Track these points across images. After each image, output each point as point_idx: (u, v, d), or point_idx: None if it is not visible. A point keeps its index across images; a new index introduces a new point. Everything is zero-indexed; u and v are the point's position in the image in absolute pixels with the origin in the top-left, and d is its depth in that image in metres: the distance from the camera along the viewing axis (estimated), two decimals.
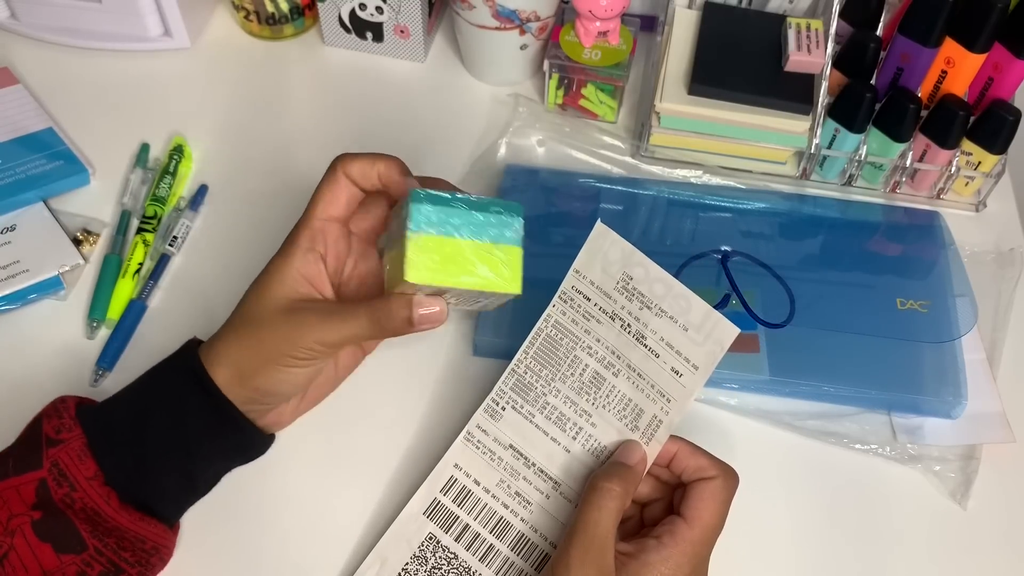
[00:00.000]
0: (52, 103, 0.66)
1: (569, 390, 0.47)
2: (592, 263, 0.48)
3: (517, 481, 0.47)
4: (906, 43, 0.61)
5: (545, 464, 0.47)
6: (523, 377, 0.48)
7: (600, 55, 0.65)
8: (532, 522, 0.47)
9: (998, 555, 0.51)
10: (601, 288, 0.48)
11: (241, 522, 0.50)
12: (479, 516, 0.47)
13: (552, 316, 0.48)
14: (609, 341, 0.47)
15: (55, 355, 0.55)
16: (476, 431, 0.48)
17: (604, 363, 0.47)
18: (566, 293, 0.48)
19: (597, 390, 0.47)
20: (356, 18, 0.69)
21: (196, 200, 0.62)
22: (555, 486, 0.47)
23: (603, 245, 0.48)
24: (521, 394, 0.48)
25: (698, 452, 0.46)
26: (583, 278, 0.48)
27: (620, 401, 0.47)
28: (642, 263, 0.47)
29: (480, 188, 0.64)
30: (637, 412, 0.47)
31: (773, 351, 0.56)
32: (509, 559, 0.47)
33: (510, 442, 0.48)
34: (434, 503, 0.48)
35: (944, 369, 0.55)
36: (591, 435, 0.47)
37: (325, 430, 0.53)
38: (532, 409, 0.48)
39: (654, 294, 0.47)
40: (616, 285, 0.48)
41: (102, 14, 0.68)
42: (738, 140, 0.64)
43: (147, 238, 0.59)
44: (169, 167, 0.62)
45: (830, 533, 0.51)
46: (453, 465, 0.48)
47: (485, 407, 0.48)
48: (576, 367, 0.47)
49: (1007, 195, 0.66)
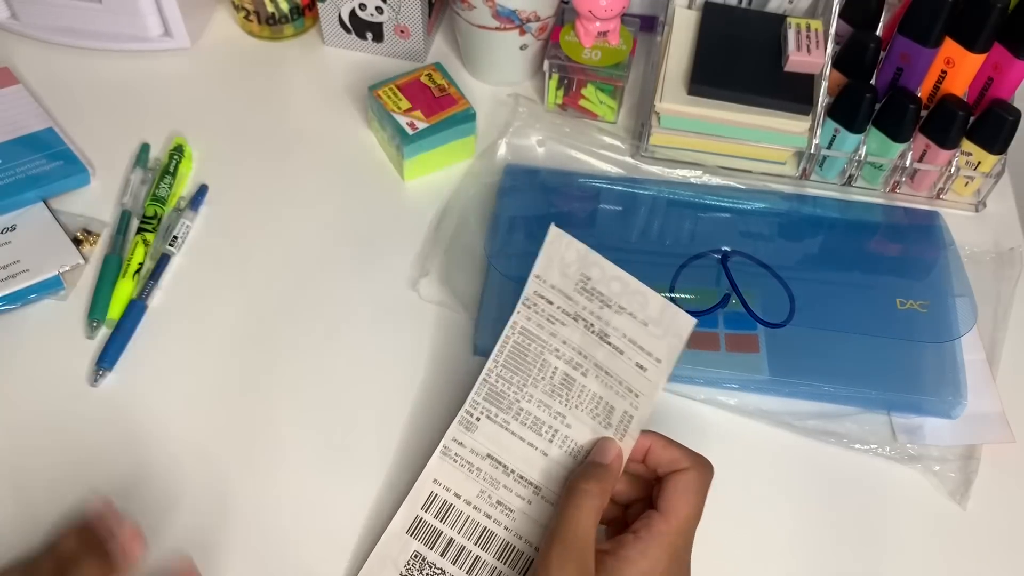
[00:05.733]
0: (52, 103, 0.66)
1: (541, 394, 0.47)
2: (551, 267, 0.48)
3: (498, 490, 0.47)
4: (906, 43, 0.61)
5: (524, 470, 0.47)
6: (495, 386, 0.48)
7: (600, 55, 0.65)
8: (516, 529, 0.47)
9: (998, 555, 0.51)
10: (562, 291, 0.48)
11: (241, 522, 0.50)
12: (462, 529, 0.47)
13: (518, 323, 0.48)
14: (575, 342, 0.48)
15: (55, 355, 0.55)
16: (452, 444, 0.48)
17: (572, 364, 0.47)
18: (529, 299, 0.48)
19: (568, 391, 0.47)
20: (356, 18, 0.69)
21: (196, 200, 0.62)
22: (536, 491, 0.47)
23: (559, 248, 0.48)
24: (494, 403, 0.48)
25: (671, 445, 0.46)
26: (544, 282, 0.48)
27: (591, 400, 0.47)
28: (597, 263, 0.48)
29: (480, 188, 0.64)
30: (608, 409, 0.47)
31: (773, 351, 0.56)
32: (496, 568, 0.47)
33: (487, 452, 0.48)
34: (416, 520, 0.48)
35: (944, 369, 0.55)
36: (567, 436, 0.47)
37: (325, 431, 0.53)
38: (507, 417, 0.47)
39: (612, 292, 0.48)
40: (575, 286, 0.48)
41: (102, 14, 0.68)
42: (738, 140, 0.64)
43: (147, 238, 0.59)
44: (169, 167, 0.62)
45: (830, 533, 0.51)
46: (432, 481, 0.48)
47: (459, 420, 0.48)
48: (546, 370, 0.47)
49: (1007, 195, 0.67)
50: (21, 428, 0.52)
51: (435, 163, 0.64)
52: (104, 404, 0.53)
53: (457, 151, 0.65)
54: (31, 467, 0.51)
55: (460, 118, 0.63)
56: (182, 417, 0.53)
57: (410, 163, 0.63)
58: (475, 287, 0.58)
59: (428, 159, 0.63)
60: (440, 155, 0.64)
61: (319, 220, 0.62)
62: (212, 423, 0.53)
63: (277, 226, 0.62)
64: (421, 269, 0.60)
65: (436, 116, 0.62)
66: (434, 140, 0.62)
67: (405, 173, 0.64)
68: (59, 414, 0.53)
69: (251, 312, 0.57)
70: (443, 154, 0.64)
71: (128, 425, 0.52)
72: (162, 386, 0.54)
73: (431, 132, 0.62)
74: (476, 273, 0.59)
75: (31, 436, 0.52)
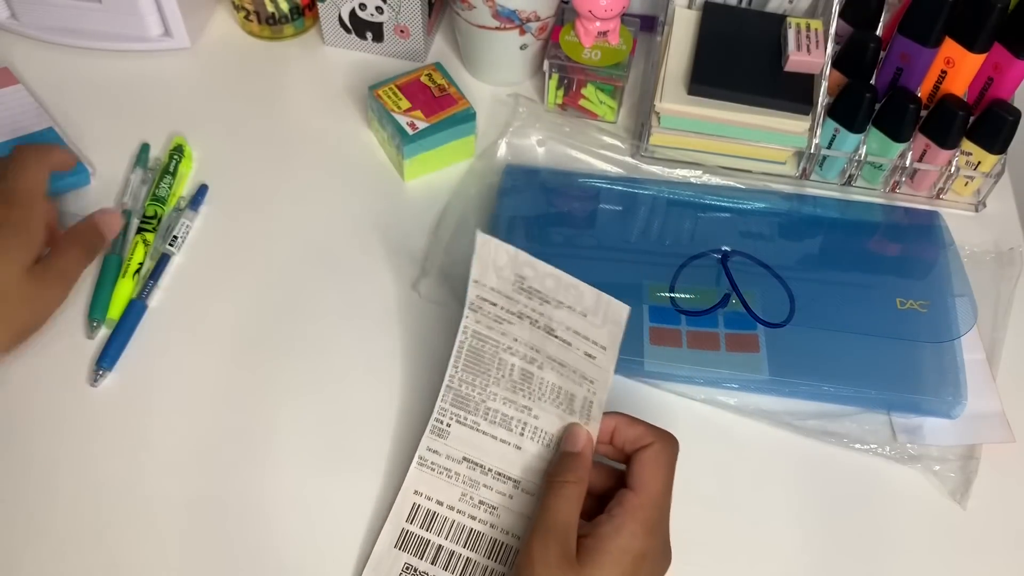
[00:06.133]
0: (52, 103, 0.66)
1: (504, 391, 0.48)
2: (486, 271, 0.49)
3: (478, 490, 0.48)
4: (906, 43, 0.61)
5: (501, 467, 0.48)
6: (459, 390, 0.48)
7: (600, 55, 0.65)
8: (501, 525, 0.47)
9: (998, 555, 0.51)
10: (501, 292, 0.49)
11: (240, 523, 0.50)
12: (449, 534, 0.48)
13: (468, 327, 0.48)
14: (525, 338, 0.48)
15: (55, 355, 0.55)
16: (428, 454, 0.49)
17: (527, 359, 0.48)
18: (473, 303, 0.48)
19: (529, 385, 0.48)
20: (356, 18, 0.69)
21: (196, 200, 0.62)
22: (515, 485, 0.48)
23: (489, 253, 0.49)
24: (461, 407, 0.48)
25: (635, 423, 0.47)
26: (483, 286, 0.49)
27: (552, 390, 0.48)
28: (528, 263, 0.49)
29: (480, 188, 0.64)
30: (569, 397, 0.48)
31: (773, 351, 0.56)
32: (488, 566, 0.47)
33: (463, 455, 0.48)
34: (403, 534, 0.48)
35: (944, 369, 0.55)
36: (536, 427, 0.47)
37: (324, 431, 0.53)
38: (476, 418, 0.48)
39: (547, 288, 0.49)
40: (513, 287, 0.49)
41: (102, 14, 0.68)
42: (738, 140, 0.64)
43: (147, 238, 0.59)
44: (169, 167, 0.62)
45: (830, 533, 0.51)
46: (413, 492, 0.48)
47: (431, 428, 0.49)
48: (504, 368, 0.48)
49: (1007, 195, 0.67)
50: (21, 428, 0.52)
51: (435, 163, 0.64)
52: (104, 404, 0.53)
53: (457, 151, 0.65)
54: (31, 467, 0.51)
55: (460, 118, 0.63)
56: (182, 417, 0.53)
57: (410, 163, 0.63)
58: None
59: (428, 159, 0.63)
60: (440, 155, 0.64)
61: (319, 220, 0.62)
62: (212, 423, 0.53)
63: (277, 226, 0.62)
64: (421, 269, 0.60)
65: (436, 116, 0.62)
66: (434, 140, 0.62)
67: (405, 173, 0.64)
68: (59, 414, 0.53)
69: (251, 312, 0.57)
70: (443, 154, 0.64)
71: (128, 425, 0.52)
72: (162, 386, 0.54)
73: (431, 132, 0.62)
74: None
75: (31, 436, 0.52)
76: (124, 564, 0.48)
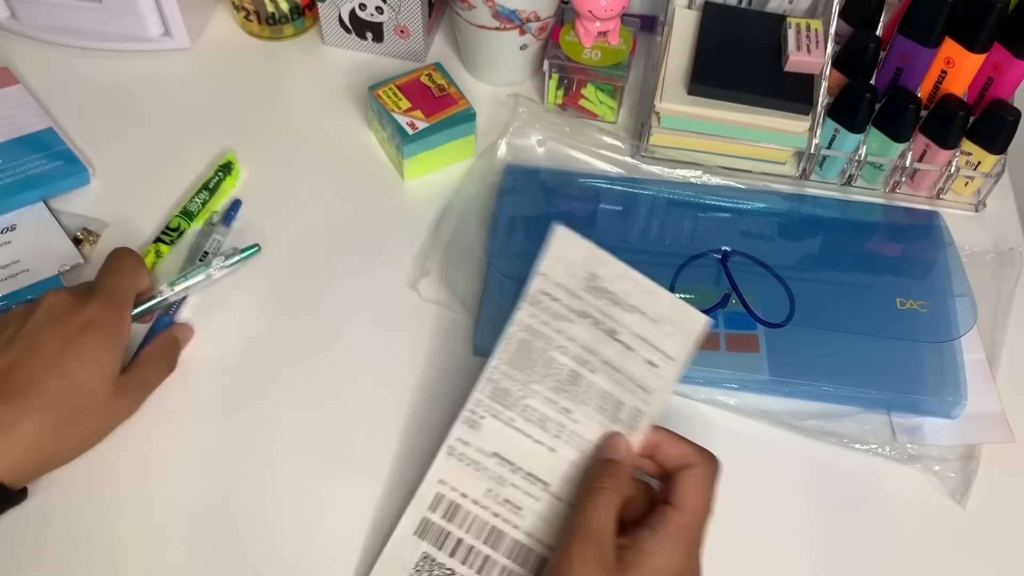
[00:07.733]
0: (52, 103, 0.66)
1: (547, 391, 0.47)
2: (556, 265, 0.48)
3: (505, 488, 0.47)
4: (906, 43, 0.61)
5: (532, 467, 0.47)
6: (499, 384, 0.47)
7: (600, 55, 0.65)
8: (525, 527, 0.47)
9: (998, 555, 0.51)
10: (568, 288, 0.48)
11: (243, 523, 0.50)
12: (471, 528, 0.47)
13: (523, 320, 0.48)
14: (582, 339, 0.48)
15: None
16: (458, 444, 0.48)
17: (579, 361, 0.47)
18: (534, 296, 0.48)
19: (575, 387, 0.47)
20: (356, 18, 0.69)
21: (229, 215, 0.61)
22: (544, 487, 0.47)
23: (565, 247, 0.48)
24: (499, 401, 0.47)
25: (680, 441, 0.46)
26: (549, 280, 0.48)
27: (599, 396, 0.47)
28: (605, 261, 0.48)
29: (480, 188, 0.64)
30: (617, 405, 0.47)
31: (773, 351, 0.56)
32: (506, 567, 0.46)
33: (494, 450, 0.47)
34: (424, 522, 0.47)
35: (944, 369, 0.55)
36: (574, 432, 0.47)
37: (325, 431, 0.53)
38: (512, 414, 0.47)
39: (621, 290, 0.48)
40: (582, 284, 0.48)
41: (102, 14, 0.68)
42: (738, 140, 0.64)
43: (161, 249, 0.59)
44: (209, 183, 0.61)
45: (830, 533, 0.51)
46: (438, 481, 0.48)
47: (464, 419, 0.48)
48: (551, 367, 0.47)
49: (1007, 195, 0.67)
50: None
51: (435, 163, 0.64)
52: None
53: (457, 151, 0.65)
54: None
55: (460, 118, 0.63)
56: (181, 417, 0.53)
57: (410, 163, 0.63)
58: (475, 287, 0.58)
59: (428, 159, 0.63)
60: (440, 155, 0.64)
61: (319, 220, 0.62)
62: (212, 423, 0.53)
63: (276, 226, 0.62)
64: (421, 269, 0.60)
65: (436, 116, 0.62)
66: (434, 140, 0.62)
67: (405, 173, 0.64)
68: None
69: (250, 312, 0.57)
70: (443, 154, 0.64)
71: (128, 425, 0.52)
72: (161, 386, 0.54)
73: (431, 132, 0.62)
74: (476, 273, 0.59)
75: None
76: (124, 564, 0.48)
